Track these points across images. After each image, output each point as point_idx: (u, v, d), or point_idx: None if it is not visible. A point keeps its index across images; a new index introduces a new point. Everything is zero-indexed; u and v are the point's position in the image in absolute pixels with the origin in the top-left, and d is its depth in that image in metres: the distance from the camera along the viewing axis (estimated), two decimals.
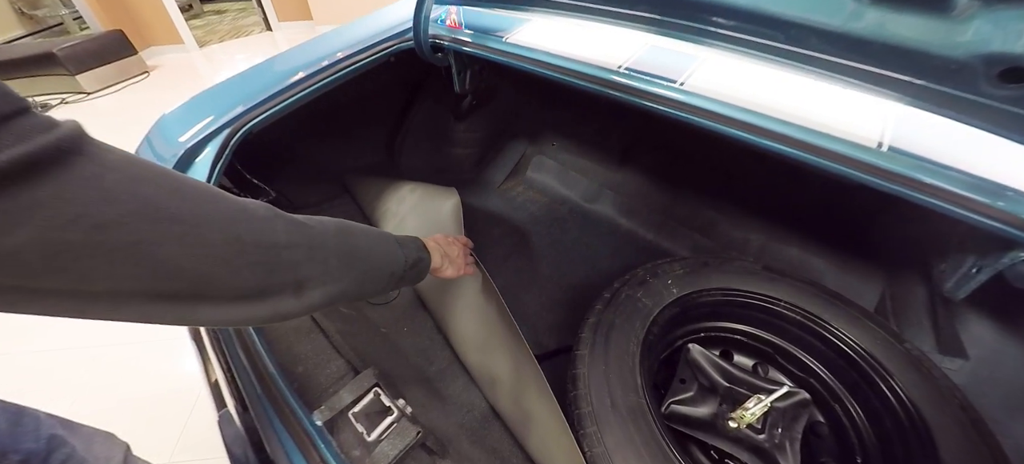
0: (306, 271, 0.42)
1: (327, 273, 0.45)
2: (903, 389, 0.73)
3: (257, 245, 0.38)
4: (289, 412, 0.55)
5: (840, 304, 0.85)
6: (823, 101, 0.70)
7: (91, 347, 1.62)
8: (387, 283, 0.55)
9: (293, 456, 0.51)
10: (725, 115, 0.70)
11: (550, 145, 1.64)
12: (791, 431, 0.76)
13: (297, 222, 0.43)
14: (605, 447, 0.62)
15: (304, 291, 0.42)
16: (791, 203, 1.22)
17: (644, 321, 0.80)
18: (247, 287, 0.38)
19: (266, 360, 0.60)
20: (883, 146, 0.64)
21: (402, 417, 0.53)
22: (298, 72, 1.04)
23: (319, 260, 0.44)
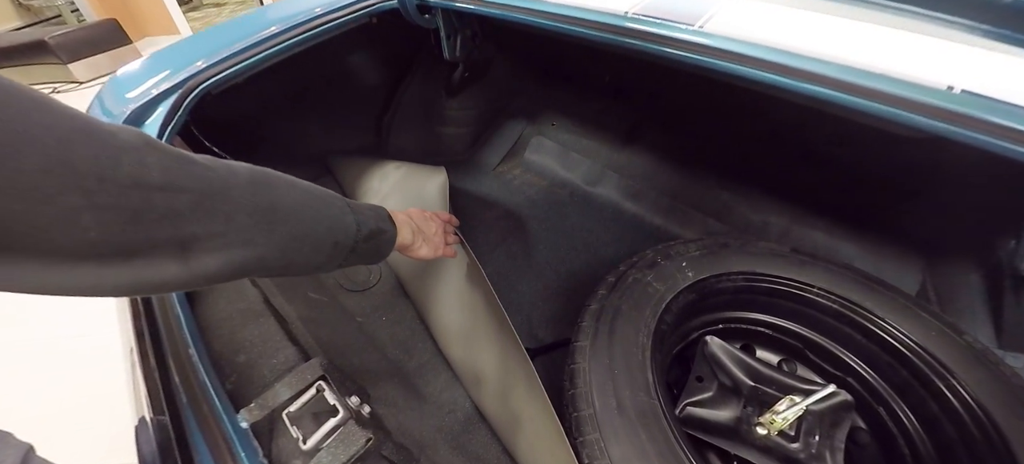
0: (196, 226, 0.31)
1: (233, 233, 0.33)
2: (968, 389, 0.61)
3: (109, 181, 0.26)
4: (210, 413, 0.43)
5: (885, 291, 0.73)
6: (869, 41, 0.59)
7: (22, 343, 1.50)
8: (330, 255, 0.43)
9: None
10: (759, 58, 0.58)
11: (549, 125, 1.52)
12: (831, 439, 0.64)
13: (183, 157, 0.32)
14: (610, 459, 0.50)
15: (192, 253, 0.31)
16: (816, 183, 1.09)
17: (655, 308, 0.68)
18: (92, 240, 0.26)
19: (189, 345, 0.49)
20: (954, 89, 0.52)
21: (349, 419, 0.41)
22: (269, 27, 0.93)
23: (219, 214, 0.32)
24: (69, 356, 1.45)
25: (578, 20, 0.75)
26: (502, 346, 0.71)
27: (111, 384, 1.30)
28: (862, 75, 0.55)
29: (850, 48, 0.59)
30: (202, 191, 0.31)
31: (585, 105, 1.47)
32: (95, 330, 1.51)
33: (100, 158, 0.26)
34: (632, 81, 1.35)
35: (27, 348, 1.49)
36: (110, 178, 0.26)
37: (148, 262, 0.29)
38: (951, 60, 0.57)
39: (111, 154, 0.27)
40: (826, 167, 1.07)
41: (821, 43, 0.59)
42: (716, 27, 0.65)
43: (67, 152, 0.25)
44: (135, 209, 0.28)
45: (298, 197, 0.40)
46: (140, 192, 0.28)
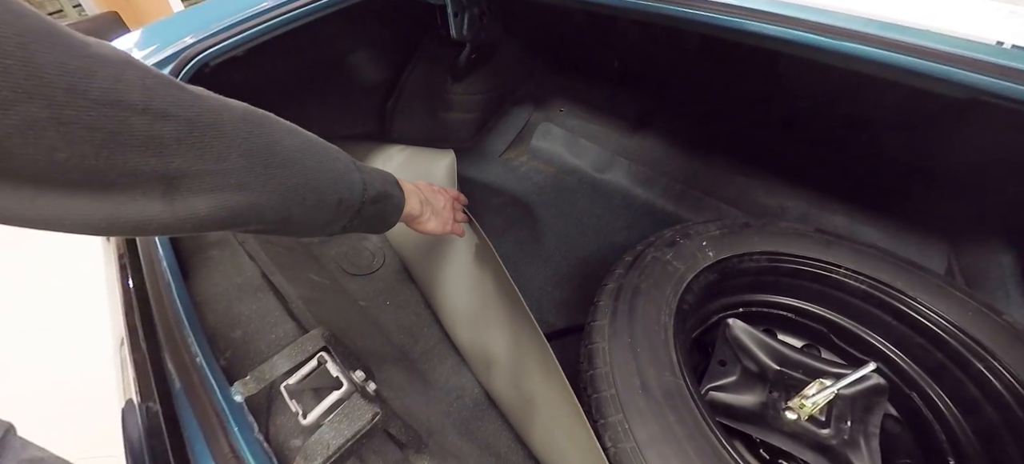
0: (182, 161, 0.27)
1: (224, 172, 0.29)
2: (1011, 370, 0.57)
3: (81, 93, 0.23)
4: (201, 386, 0.39)
5: (916, 271, 0.69)
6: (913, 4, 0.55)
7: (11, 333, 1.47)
8: (334, 213, 0.39)
9: (196, 445, 0.36)
10: (792, 17, 0.55)
11: (557, 111, 1.48)
12: (865, 424, 0.60)
13: (169, 80, 0.28)
14: (635, 442, 0.46)
15: (178, 192, 0.27)
16: (834, 167, 1.06)
17: (677, 287, 0.65)
18: (59, 162, 0.23)
19: (181, 317, 0.45)
20: (1005, 43, 0.49)
21: (354, 392, 0.38)
22: (259, 5, 0.89)
23: (211, 150, 0.29)
24: (42, 350, 1.41)
25: None
26: (514, 327, 0.68)
27: (92, 377, 1.27)
28: (905, 31, 0.51)
29: (885, 5, 0.55)
30: (190, 120, 0.27)
31: (594, 91, 1.43)
32: (63, 324, 1.47)
33: (68, 66, 0.22)
34: (642, 65, 1.32)
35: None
36: (81, 91, 0.23)
37: (127, 196, 0.26)
38: (993, 15, 0.53)
39: (83, 63, 0.23)
40: (844, 151, 1.03)
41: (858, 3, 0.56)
42: None
43: (28, 53, 0.21)
44: (111, 131, 0.24)
45: (299, 143, 0.36)
46: (117, 111, 0.24)
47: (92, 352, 1.36)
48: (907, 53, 0.50)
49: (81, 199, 0.24)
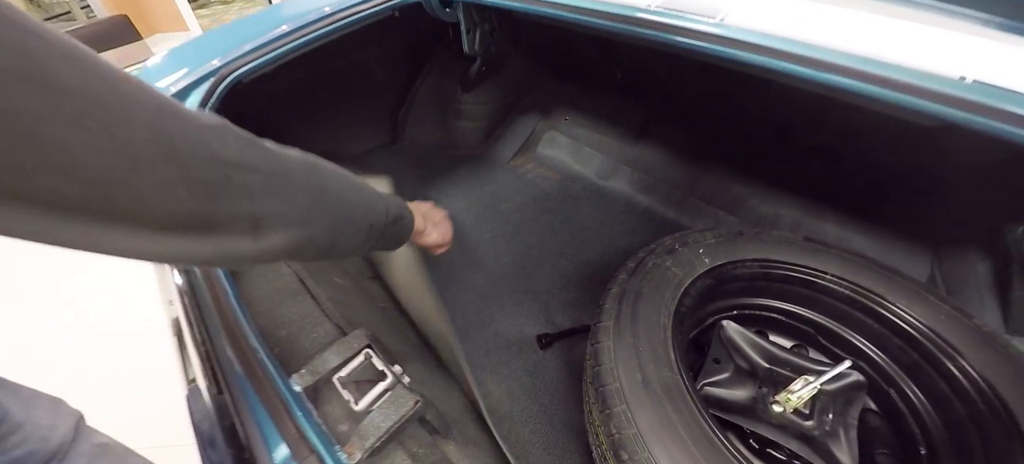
0: (266, 205, 0.33)
1: (294, 213, 0.36)
2: (977, 370, 0.63)
3: (198, 156, 0.29)
4: (264, 377, 0.46)
5: (895, 277, 0.75)
6: (885, 33, 0.61)
7: (65, 333, 1.54)
8: (365, 238, 0.45)
9: (265, 427, 0.42)
10: (781, 49, 0.61)
11: (563, 120, 1.54)
12: (845, 416, 0.67)
13: (255, 141, 0.34)
14: (637, 428, 0.52)
15: (263, 231, 0.34)
16: (826, 177, 1.12)
17: (675, 291, 0.71)
18: (183, 211, 0.29)
19: (240, 318, 0.51)
20: (966, 78, 0.55)
21: (397, 384, 0.44)
22: (297, 19, 0.96)
23: (284, 194, 0.35)
24: (103, 339, 1.49)
25: (603, 13, 0.78)
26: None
27: (149, 366, 1.35)
28: (879, 65, 0.57)
29: (865, 39, 0.61)
30: (271, 171, 0.34)
31: (597, 100, 1.49)
32: (121, 317, 1.54)
33: (189, 134, 0.29)
34: (644, 77, 1.38)
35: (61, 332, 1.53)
36: (199, 154, 0.29)
37: (226, 236, 0.32)
38: (962, 51, 0.59)
39: (198, 131, 0.29)
40: (836, 161, 1.09)
41: (837, 35, 0.62)
42: (735, 21, 0.68)
43: (164, 125, 0.27)
44: (218, 184, 0.30)
45: (342, 181, 0.43)
46: (222, 169, 0.30)
47: (133, 347, 1.44)
48: (882, 85, 0.56)
49: (194, 239, 0.30)
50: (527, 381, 0.86)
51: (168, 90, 0.83)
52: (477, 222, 1.24)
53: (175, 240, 0.30)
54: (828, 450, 0.64)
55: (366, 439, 0.40)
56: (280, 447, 0.41)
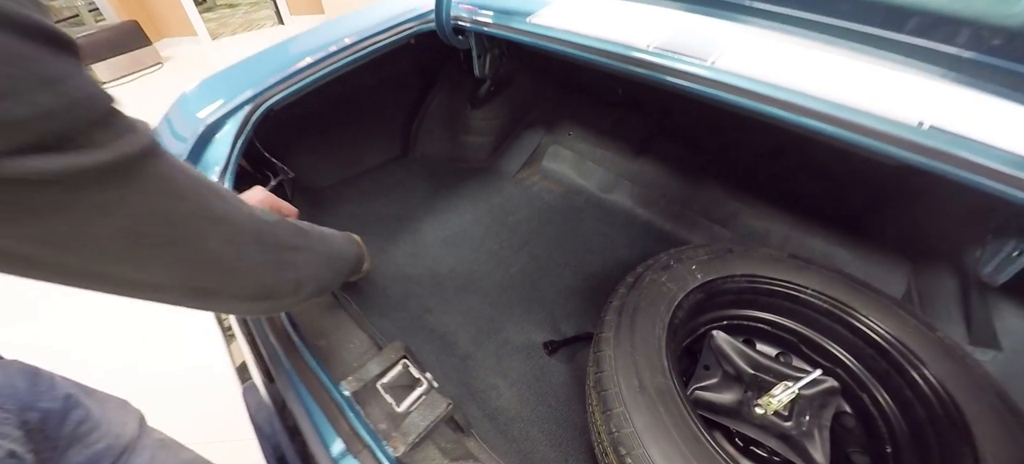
0: (303, 272, 0.45)
1: (318, 273, 0.49)
2: (937, 378, 0.71)
3: (271, 246, 0.40)
4: (317, 383, 0.54)
5: (870, 293, 0.83)
6: (859, 78, 0.69)
7: (106, 329, 1.64)
8: (347, 276, 0.62)
9: (322, 427, 0.51)
10: (761, 93, 0.69)
11: (566, 134, 1.62)
12: (819, 418, 0.75)
13: (297, 226, 0.46)
14: (634, 428, 0.61)
15: (301, 289, 0.45)
16: (815, 194, 1.20)
17: (669, 305, 0.79)
18: (261, 284, 0.40)
19: (291, 333, 0.60)
20: (924, 124, 0.62)
21: (431, 389, 0.52)
22: (321, 50, 1.04)
23: (313, 262, 0.48)
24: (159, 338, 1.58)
25: (602, 52, 0.86)
26: None
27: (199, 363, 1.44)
28: (849, 111, 0.65)
29: (840, 83, 0.69)
30: (306, 247, 0.46)
31: (600, 116, 1.57)
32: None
33: (263, 231, 0.39)
34: (644, 94, 1.46)
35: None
36: (271, 244, 0.40)
37: (280, 297, 0.43)
38: (923, 96, 0.67)
39: (269, 227, 0.41)
40: (824, 179, 1.17)
41: (814, 78, 0.70)
42: (728, 61, 0.75)
43: (258, 229, 0.38)
44: (281, 262, 0.41)
45: (341, 243, 0.58)
46: (284, 252, 0.42)
47: (176, 349, 1.53)
48: (851, 130, 0.64)
49: (262, 302, 0.41)
50: (535, 384, 0.94)
51: (209, 119, 0.91)
52: (486, 234, 1.32)
53: (255, 304, 0.40)
54: (804, 448, 0.72)
55: (408, 436, 0.48)
56: (336, 442, 0.49)
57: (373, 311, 0.96)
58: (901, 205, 1.04)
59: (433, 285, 1.12)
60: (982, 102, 0.62)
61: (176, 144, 0.90)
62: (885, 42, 0.65)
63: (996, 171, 0.55)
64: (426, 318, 1.03)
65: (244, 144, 0.91)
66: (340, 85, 1.29)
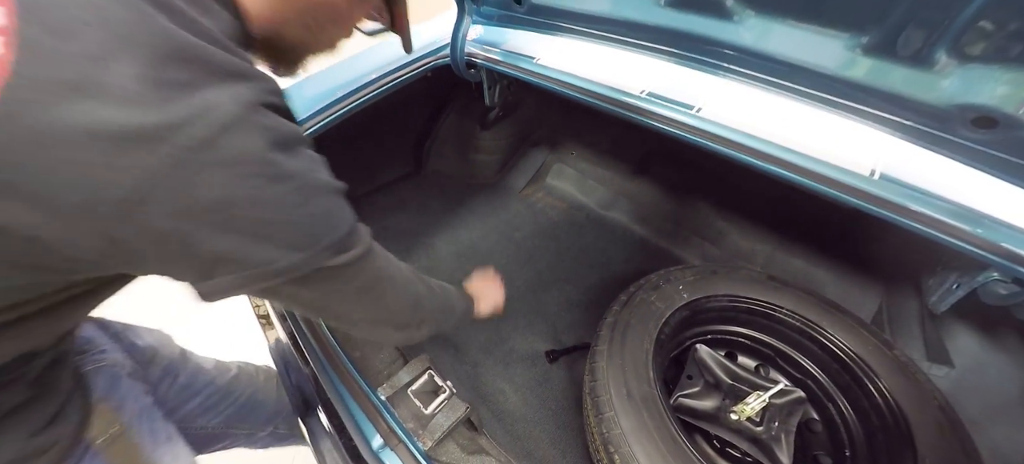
0: (427, 315, 0.57)
1: (434, 318, 0.60)
2: (889, 390, 0.81)
3: (417, 297, 0.55)
4: (358, 388, 0.66)
5: (837, 312, 0.93)
6: (823, 132, 0.79)
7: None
8: (455, 324, 0.68)
9: (363, 425, 0.62)
10: (736, 142, 0.80)
11: (570, 154, 1.73)
12: (786, 424, 0.85)
13: (426, 282, 0.59)
14: (622, 429, 0.71)
15: (422, 326, 0.57)
16: (798, 217, 1.30)
17: (657, 322, 0.89)
18: (405, 320, 0.54)
19: (334, 343, 0.71)
20: (875, 174, 0.73)
21: (452, 395, 0.63)
22: (350, 85, 1.15)
23: (433, 310, 0.59)
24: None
25: (598, 95, 0.96)
26: None
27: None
28: (812, 161, 0.75)
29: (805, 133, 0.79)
30: (428, 296, 0.58)
31: (601, 136, 1.68)
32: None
33: (418, 289, 0.54)
34: None
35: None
36: (418, 296, 0.54)
37: (409, 330, 0.55)
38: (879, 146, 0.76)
39: (418, 287, 0.55)
40: (806, 203, 1.27)
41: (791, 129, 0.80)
42: (712, 110, 0.86)
43: (415, 288, 0.53)
44: (417, 308, 0.54)
45: (454, 295, 0.68)
46: (420, 300, 0.55)
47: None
48: (809, 178, 0.74)
49: (402, 331, 0.54)
50: (537, 389, 1.05)
51: None
52: (493, 249, 1.43)
53: (391, 331, 0.54)
54: (772, 451, 0.83)
55: (434, 433, 0.60)
56: (376, 438, 0.60)
57: None
58: (872, 233, 1.14)
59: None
60: (924, 157, 0.72)
61: None
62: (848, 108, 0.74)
63: (932, 219, 0.66)
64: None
65: None
66: (363, 113, 1.41)
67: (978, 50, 0.55)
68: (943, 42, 0.56)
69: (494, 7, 1.14)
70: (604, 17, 0.93)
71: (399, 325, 0.53)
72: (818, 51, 0.68)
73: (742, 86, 0.85)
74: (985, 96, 0.57)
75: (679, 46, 0.87)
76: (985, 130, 0.60)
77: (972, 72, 0.57)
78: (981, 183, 0.66)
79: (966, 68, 0.57)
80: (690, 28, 0.80)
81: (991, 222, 0.65)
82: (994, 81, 0.56)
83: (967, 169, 0.67)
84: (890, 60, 0.62)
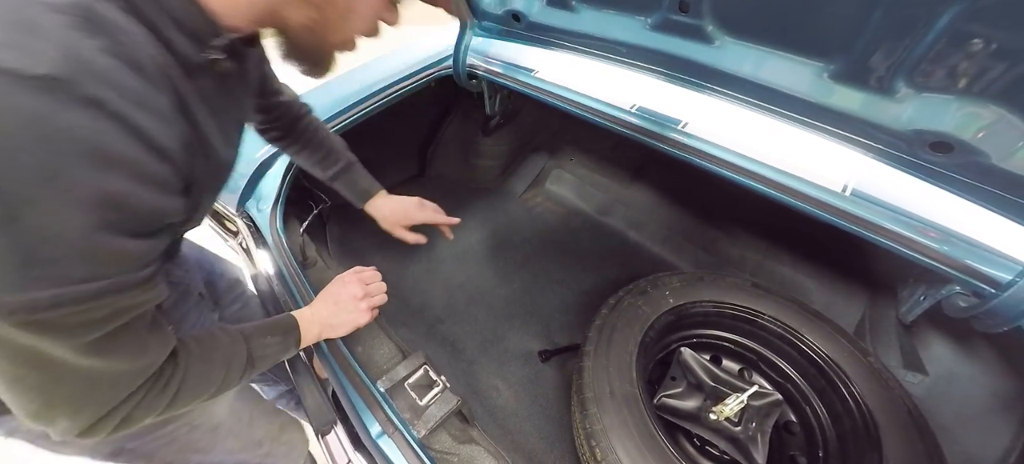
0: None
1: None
2: (860, 395, 0.86)
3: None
4: (359, 380, 0.72)
5: (817, 320, 0.98)
6: (800, 150, 0.84)
7: None
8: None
9: (363, 413, 0.68)
10: (719, 157, 0.85)
11: (569, 159, 1.78)
12: (763, 426, 0.90)
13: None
14: (603, 425, 0.77)
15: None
16: (786, 226, 1.34)
17: (643, 326, 0.94)
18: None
19: (339, 343, 0.77)
20: (847, 190, 0.77)
21: (445, 389, 0.69)
22: (359, 94, 1.21)
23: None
24: None
25: (593, 109, 1.02)
26: None
27: None
28: (785, 176, 0.80)
29: (784, 149, 0.84)
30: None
31: (599, 143, 1.73)
32: None
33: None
34: None
35: None
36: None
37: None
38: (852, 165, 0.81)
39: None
40: (794, 213, 1.30)
41: (770, 144, 0.84)
42: (697, 126, 0.91)
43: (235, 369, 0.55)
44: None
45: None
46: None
47: None
48: (785, 194, 0.79)
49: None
50: (530, 386, 1.10)
51: (264, 156, 1.09)
52: (493, 252, 1.49)
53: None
54: (748, 450, 0.87)
55: (428, 423, 0.65)
56: (375, 425, 0.66)
57: (396, 320, 1.14)
58: (856, 244, 1.17)
59: (445, 298, 1.29)
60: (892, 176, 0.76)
61: (231, 179, 1.09)
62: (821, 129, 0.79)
63: (899, 235, 0.70)
64: (439, 327, 1.20)
65: (292, 179, 1.09)
66: (368, 117, 1.48)
67: (933, 81, 0.60)
68: (901, 72, 0.61)
69: (495, 22, 1.20)
70: (596, 36, 0.98)
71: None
72: (790, 75, 0.73)
73: (725, 104, 0.89)
74: (941, 123, 0.62)
75: (666, 66, 0.92)
76: (943, 154, 0.64)
77: (928, 100, 0.62)
78: (943, 201, 0.70)
79: (923, 97, 0.62)
80: (675, 51, 0.85)
81: (954, 238, 0.69)
82: (948, 109, 0.60)
83: (930, 187, 0.71)
84: (855, 86, 0.67)
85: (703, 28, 0.76)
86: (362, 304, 0.75)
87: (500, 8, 1.12)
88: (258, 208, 1.03)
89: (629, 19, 0.88)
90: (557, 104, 1.07)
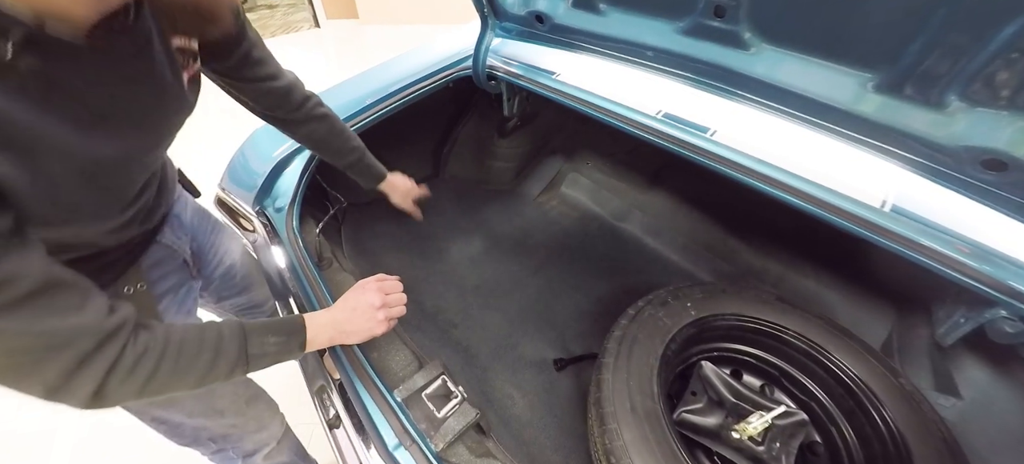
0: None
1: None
2: (893, 419, 0.82)
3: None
4: (375, 389, 0.70)
5: (844, 337, 0.94)
6: (835, 162, 0.80)
7: None
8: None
9: (379, 424, 0.66)
10: (749, 167, 0.82)
11: (585, 163, 1.76)
12: (788, 446, 0.87)
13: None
14: (623, 441, 0.74)
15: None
16: (811, 239, 1.30)
17: (664, 338, 0.92)
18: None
19: (355, 348, 0.75)
20: (886, 206, 0.74)
21: (463, 401, 0.67)
22: (376, 94, 1.20)
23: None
24: None
25: (617, 114, 0.99)
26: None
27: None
28: (820, 188, 0.77)
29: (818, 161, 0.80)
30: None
31: (617, 147, 1.70)
32: None
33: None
34: None
35: None
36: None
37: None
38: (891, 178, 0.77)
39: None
40: (819, 225, 1.27)
41: (801, 155, 0.81)
42: (726, 134, 0.87)
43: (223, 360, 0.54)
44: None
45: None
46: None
47: None
48: (819, 207, 0.76)
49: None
50: (544, 396, 1.08)
51: (281, 155, 1.08)
52: (507, 255, 1.47)
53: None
54: None
55: (446, 436, 0.63)
56: (391, 437, 0.65)
57: (410, 324, 1.12)
58: (885, 260, 1.14)
59: (460, 301, 1.27)
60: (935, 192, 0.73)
61: (247, 177, 1.08)
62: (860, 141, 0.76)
63: (941, 254, 0.67)
64: (453, 332, 1.18)
65: (309, 178, 1.08)
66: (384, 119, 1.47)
67: (988, 95, 0.56)
68: (954, 87, 0.58)
69: (517, 23, 1.18)
70: (622, 40, 0.96)
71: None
72: (831, 85, 0.70)
73: (756, 112, 0.86)
74: (995, 140, 0.58)
75: (696, 71, 0.89)
76: (995, 172, 0.61)
77: (982, 116, 0.58)
78: (991, 220, 0.67)
79: (976, 112, 0.59)
80: (706, 56, 0.82)
81: (1000, 259, 0.66)
82: (1004, 126, 0.57)
83: (977, 206, 0.68)
84: (901, 99, 0.64)
85: (739, 34, 0.73)
86: (379, 314, 0.72)
87: (523, 9, 1.10)
88: (274, 207, 1.02)
89: (659, 23, 0.86)
90: (580, 108, 1.04)
